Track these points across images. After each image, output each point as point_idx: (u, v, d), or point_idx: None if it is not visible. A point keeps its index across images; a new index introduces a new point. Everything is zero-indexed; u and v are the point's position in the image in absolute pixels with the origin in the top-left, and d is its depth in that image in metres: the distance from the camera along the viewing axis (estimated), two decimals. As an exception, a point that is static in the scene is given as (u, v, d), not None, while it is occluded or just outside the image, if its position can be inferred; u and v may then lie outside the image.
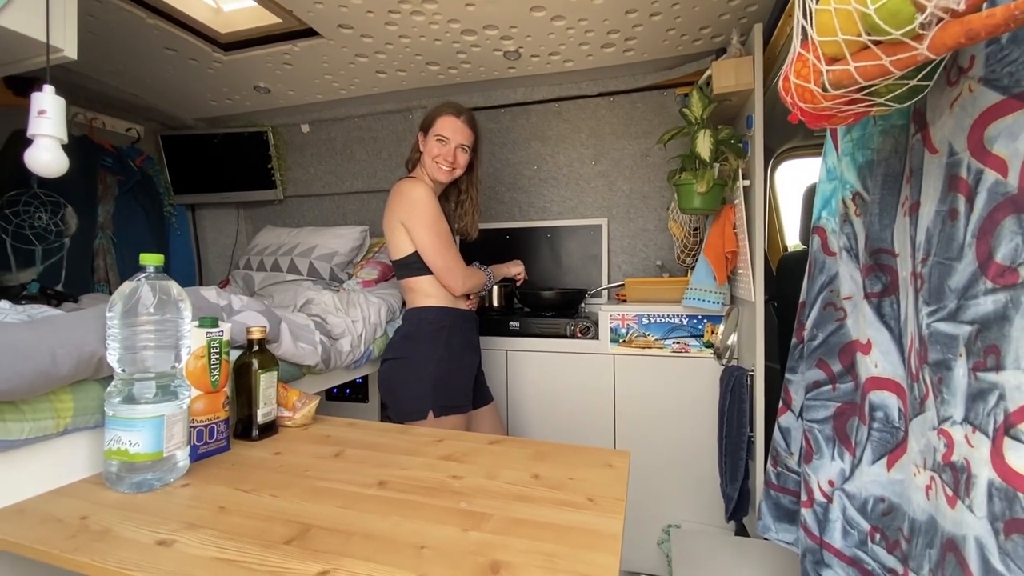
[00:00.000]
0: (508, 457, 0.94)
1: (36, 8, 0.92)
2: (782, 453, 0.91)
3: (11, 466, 0.74)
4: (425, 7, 1.55)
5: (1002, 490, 0.43)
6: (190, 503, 0.75)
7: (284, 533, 0.66)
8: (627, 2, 1.53)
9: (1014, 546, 0.42)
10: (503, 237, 2.29)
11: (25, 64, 1.01)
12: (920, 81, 0.47)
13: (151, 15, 1.59)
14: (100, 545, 0.64)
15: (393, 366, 1.43)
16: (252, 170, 2.52)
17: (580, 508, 0.75)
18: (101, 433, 0.83)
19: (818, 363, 0.79)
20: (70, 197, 2.03)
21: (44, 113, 0.88)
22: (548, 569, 0.59)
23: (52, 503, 0.75)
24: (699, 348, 1.75)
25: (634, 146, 2.13)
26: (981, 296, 0.47)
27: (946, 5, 0.38)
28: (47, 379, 0.71)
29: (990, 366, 0.45)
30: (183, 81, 2.08)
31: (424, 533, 0.67)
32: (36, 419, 0.74)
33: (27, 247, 1.93)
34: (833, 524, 0.73)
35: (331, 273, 2.07)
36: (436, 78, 2.07)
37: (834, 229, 0.78)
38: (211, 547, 0.63)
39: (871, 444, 0.67)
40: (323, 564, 0.59)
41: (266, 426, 1.02)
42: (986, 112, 0.47)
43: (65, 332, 0.74)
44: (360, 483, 0.82)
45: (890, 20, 0.40)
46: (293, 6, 1.55)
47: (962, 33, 0.38)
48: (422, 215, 1.40)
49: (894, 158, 0.66)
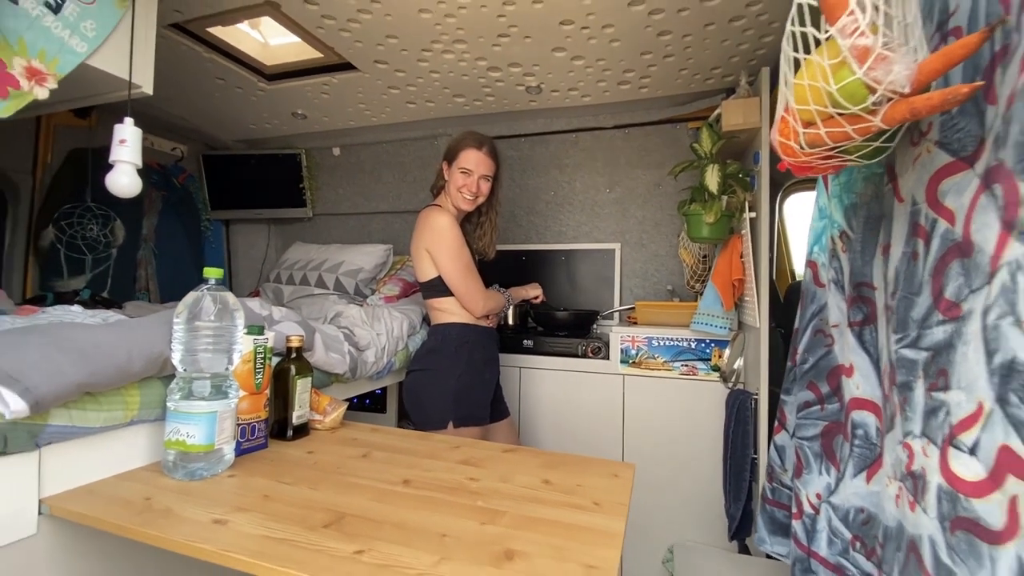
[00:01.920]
0: (521, 464, 1.01)
1: (122, 50, 1.06)
2: (777, 469, 0.97)
3: (86, 451, 0.84)
4: (455, 47, 1.68)
5: (948, 493, 0.50)
6: (237, 491, 0.84)
7: (322, 519, 0.75)
8: (642, 44, 1.64)
9: (957, 540, 0.48)
10: (520, 259, 2.39)
11: (107, 97, 1.14)
12: (883, 143, 0.55)
13: (207, 50, 1.75)
14: (165, 522, 0.73)
15: (418, 377, 1.53)
16: (284, 189, 2.67)
17: (587, 510, 0.82)
18: (160, 426, 0.93)
19: (808, 385, 0.86)
20: (119, 210, 2.19)
21: (124, 142, 1.01)
22: (556, 558, 0.67)
23: (118, 486, 0.84)
24: (706, 371, 1.81)
25: (647, 176, 2.23)
26: (934, 327, 0.54)
27: (894, 88, 0.46)
28: (123, 375, 0.82)
29: (940, 386, 0.52)
30: (228, 107, 2.25)
31: (445, 525, 0.75)
32: (109, 410, 0.84)
33: (79, 256, 2.08)
34: (820, 534, 0.79)
35: (356, 288, 2.18)
36: (462, 109, 2.20)
37: (824, 263, 0.86)
38: (260, 527, 0.72)
39: (852, 459, 0.74)
40: (359, 544, 0.68)
41: (300, 427, 1.11)
42: (940, 170, 0.55)
43: (139, 334, 0.85)
44: (386, 481, 0.90)
45: (849, 98, 0.49)
46: (335, 43, 1.69)
47: (907, 111, 0.47)
48: (446, 243, 1.50)
49: (874, 202, 0.74)
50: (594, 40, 1.62)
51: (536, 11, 1.47)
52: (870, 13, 0.47)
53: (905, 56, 0.46)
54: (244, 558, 0.64)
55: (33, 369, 0.71)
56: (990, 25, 0.46)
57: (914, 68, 0.46)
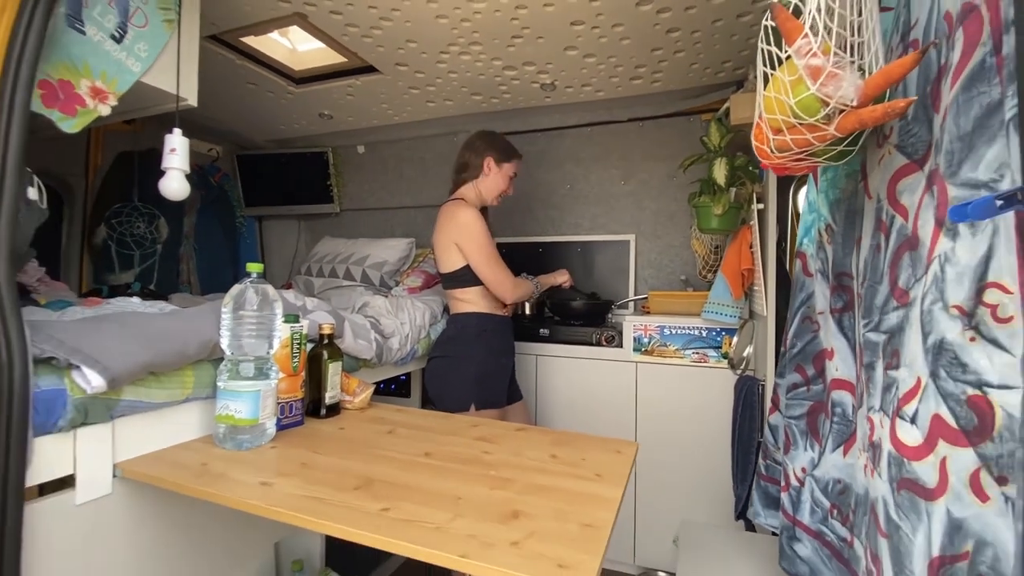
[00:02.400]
0: (531, 441, 1.10)
1: (169, 67, 1.18)
2: (770, 448, 1.03)
3: (150, 423, 0.96)
4: (472, 48, 1.76)
5: (895, 458, 0.56)
6: (279, 460, 0.95)
7: (353, 483, 0.85)
8: (652, 41, 1.69)
9: (902, 499, 0.55)
10: (537, 250, 2.47)
11: (157, 109, 1.26)
12: (846, 147, 0.61)
13: (240, 57, 1.87)
14: (220, 483, 0.84)
15: (440, 364, 1.63)
16: (313, 186, 2.80)
17: (588, 480, 0.90)
18: (211, 403, 1.05)
19: (796, 368, 0.92)
20: (163, 209, 2.35)
21: (175, 151, 1.13)
22: (557, 519, 0.76)
23: (178, 454, 0.97)
24: (717, 359, 1.86)
25: (661, 168, 2.27)
26: (890, 312, 0.60)
27: (843, 102, 0.53)
28: (181, 358, 0.94)
29: (893, 365, 0.59)
30: (259, 109, 2.38)
31: (460, 490, 0.84)
32: (169, 388, 0.96)
33: (128, 252, 2.25)
34: (804, 505, 0.86)
35: (381, 280, 2.29)
36: (479, 106, 2.28)
37: (812, 254, 0.91)
38: (301, 489, 0.83)
39: (832, 435, 0.80)
40: (385, 504, 0.78)
41: (332, 407, 1.22)
42: (897, 171, 0.61)
43: (194, 322, 0.97)
44: (409, 453, 1.00)
45: (805, 111, 0.55)
46: (358, 48, 1.79)
47: (856, 121, 0.53)
48: (475, 237, 1.60)
49: (854, 197, 0.79)
50: (605, 39, 1.68)
51: (547, 13, 1.53)
52: (822, 36, 0.53)
53: (852, 74, 0.52)
54: (288, 512, 0.75)
55: (109, 351, 0.83)
56: (922, 48, 0.51)
57: (860, 84, 0.52)
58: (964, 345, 0.47)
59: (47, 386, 0.80)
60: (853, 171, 0.80)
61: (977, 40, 0.45)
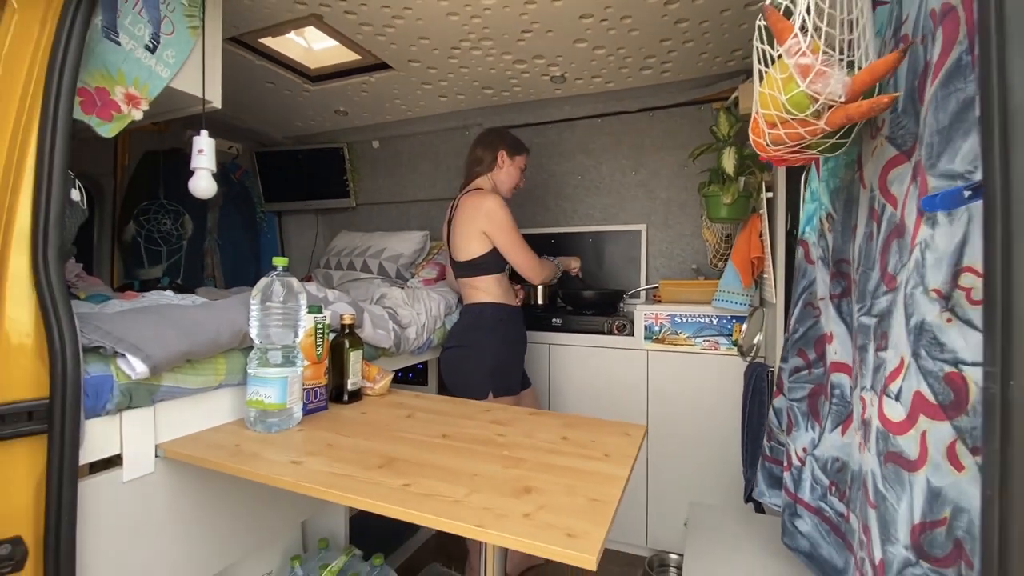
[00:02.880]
0: (543, 424, 1.15)
1: (195, 72, 1.23)
2: (775, 430, 1.07)
3: (187, 408, 1.03)
4: (482, 44, 1.79)
5: (882, 433, 0.60)
6: (306, 441, 1.02)
7: (376, 462, 0.91)
8: (661, 32, 1.70)
9: (888, 471, 0.59)
10: (549, 241, 2.50)
11: (184, 112, 1.33)
12: (838, 140, 0.64)
13: (258, 57, 1.93)
14: (254, 461, 0.91)
15: (457, 353, 1.70)
16: (330, 181, 2.87)
17: (597, 460, 0.95)
18: (241, 390, 1.12)
19: (798, 352, 0.95)
20: (187, 206, 2.44)
21: (202, 152, 1.19)
22: (566, 493, 0.81)
23: (212, 436, 1.04)
24: (728, 346, 1.89)
25: (672, 157, 2.28)
26: (880, 296, 0.63)
27: (832, 99, 0.56)
28: (215, 346, 1.00)
29: (882, 347, 0.62)
30: (277, 107, 2.44)
31: (475, 468, 0.90)
32: (204, 375, 1.03)
33: (155, 248, 2.35)
34: (804, 483, 0.90)
35: (397, 272, 2.36)
36: (491, 100, 2.31)
37: (814, 242, 0.94)
38: (328, 467, 0.89)
39: (831, 416, 0.83)
40: (406, 480, 0.84)
41: (354, 393, 1.29)
42: (888, 162, 0.63)
43: (225, 313, 1.03)
44: (428, 435, 1.06)
45: (795, 107, 0.58)
46: (372, 46, 1.83)
47: (844, 116, 0.56)
48: (504, 222, 1.67)
49: (853, 186, 0.82)
50: (613, 31, 1.70)
51: (556, 7, 1.56)
52: (811, 35, 0.55)
53: (840, 72, 0.55)
54: (317, 487, 0.81)
55: (150, 341, 0.89)
56: (903, 48, 0.54)
57: (848, 81, 0.55)
58: (942, 326, 0.50)
59: (95, 372, 0.87)
60: (851, 161, 0.82)
61: (955, 39, 0.48)
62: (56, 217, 0.87)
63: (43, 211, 0.85)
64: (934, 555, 0.53)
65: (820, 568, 0.84)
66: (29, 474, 0.83)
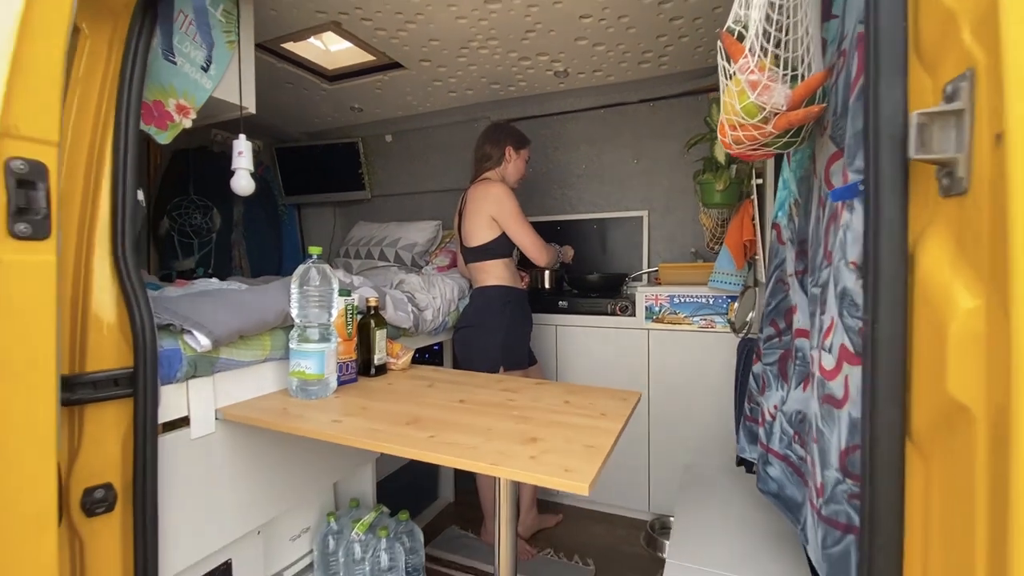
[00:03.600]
0: (549, 391, 1.30)
1: (232, 81, 1.38)
2: (754, 392, 1.20)
3: (240, 378, 1.20)
4: (489, 43, 1.91)
5: (820, 380, 0.73)
6: (343, 405, 1.18)
7: (405, 420, 1.07)
8: (657, 29, 1.81)
9: (824, 410, 0.72)
10: (556, 228, 2.63)
11: (222, 117, 1.48)
12: (789, 139, 0.76)
13: (280, 60, 2.07)
14: (300, 421, 1.07)
15: (469, 332, 1.85)
16: (345, 174, 3.01)
17: (594, 418, 1.10)
18: (284, 363, 1.28)
19: (771, 323, 1.08)
20: (215, 201, 2.60)
21: (242, 154, 1.34)
22: (566, 442, 0.95)
23: (261, 402, 1.20)
24: (723, 324, 2.02)
25: (672, 146, 2.39)
26: (823, 270, 0.76)
27: (776, 108, 0.68)
28: (262, 325, 1.16)
29: (823, 311, 0.75)
30: (295, 105, 2.58)
31: (489, 424, 1.05)
32: (253, 349, 1.19)
33: (187, 241, 2.52)
34: (775, 435, 1.03)
35: (412, 260, 2.51)
36: (497, 94, 2.43)
37: (785, 225, 1.06)
38: (364, 424, 1.04)
39: (795, 375, 0.96)
40: (431, 433, 0.99)
41: (380, 367, 1.44)
42: (831, 157, 0.75)
43: (269, 296, 1.19)
44: (447, 400, 1.21)
45: (748, 114, 0.70)
46: (386, 48, 1.96)
47: (786, 122, 0.68)
48: (511, 207, 1.81)
49: (810, 176, 0.94)
50: (612, 29, 1.81)
51: (557, 9, 1.67)
52: (759, 56, 0.67)
53: (783, 86, 0.67)
54: (358, 439, 0.97)
55: (211, 319, 1.05)
56: (826, 70, 0.66)
57: (789, 94, 0.67)
58: (857, 291, 0.63)
59: (167, 346, 1.03)
60: (810, 154, 0.94)
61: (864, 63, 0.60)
62: (130, 215, 1.02)
63: (120, 211, 1.01)
64: (855, 473, 0.67)
65: (785, 504, 0.98)
66: (116, 431, 0.99)
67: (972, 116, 0.42)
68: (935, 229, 0.46)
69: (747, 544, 1.15)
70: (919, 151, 0.44)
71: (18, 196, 0.74)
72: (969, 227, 0.42)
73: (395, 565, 1.45)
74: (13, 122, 0.74)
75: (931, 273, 0.45)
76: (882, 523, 0.49)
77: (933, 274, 0.45)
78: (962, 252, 0.43)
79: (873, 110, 0.50)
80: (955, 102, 0.43)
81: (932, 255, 0.46)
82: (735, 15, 0.73)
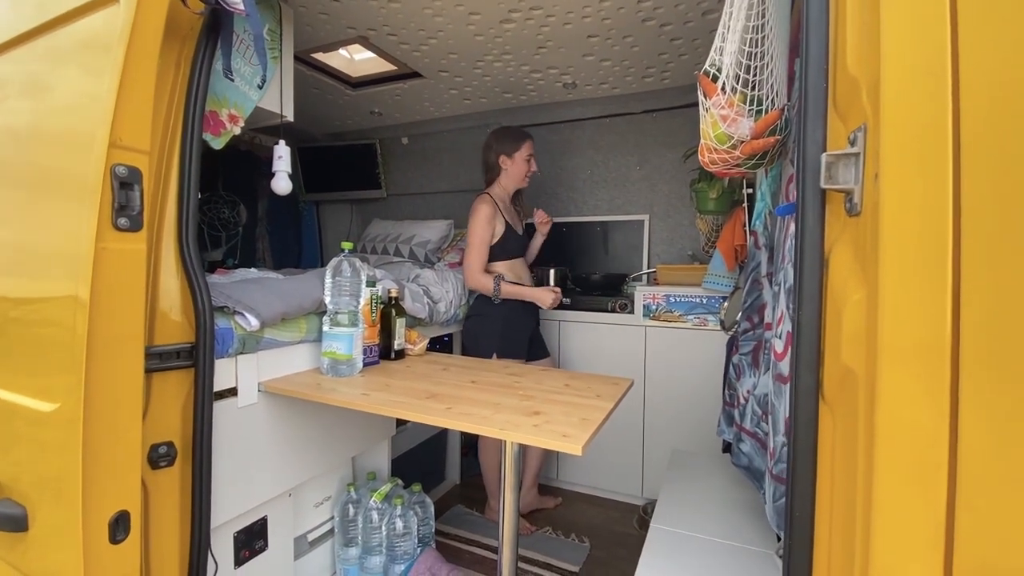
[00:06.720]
0: (551, 376, 1.45)
1: (274, 92, 1.54)
2: (732, 380, 1.35)
3: (279, 357, 1.36)
4: (503, 57, 2.06)
5: (773, 362, 0.88)
6: (368, 382, 1.34)
7: (424, 395, 1.22)
8: (658, 47, 1.96)
9: (776, 388, 0.87)
10: (561, 230, 2.78)
11: (263, 124, 1.64)
12: (756, 161, 0.91)
13: (308, 68, 2.23)
14: (333, 394, 1.23)
15: (473, 321, 2.02)
16: (363, 174, 3.18)
17: (590, 398, 1.25)
18: (316, 345, 1.44)
19: (747, 318, 1.23)
20: (242, 196, 2.78)
21: (281, 158, 1.50)
22: (564, 415, 1.10)
23: (298, 378, 1.36)
24: (715, 322, 2.16)
25: (673, 154, 2.54)
26: (780, 272, 0.91)
27: (741, 138, 0.83)
28: (300, 309, 1.32)
29: (776, 305, 0.90)
30: (320, 109, 2.75)
31: (497, 400, 1.20)
32: (291, 331, 1.35)
33: (216, 234, 2.69)
34: (747, 415, 1.18)
35: (425, 257, 2.67)
36: (509, 103, 2.59)
37: (761, 231, 1.21)
38: (388, 397, 1.20)
39: (764, 363, 1.11)
40: (447, 405, 1.15)
41: (399, 352, 1.60)
42: (790, 176, 0.90)
43: (306, 284, 1.35)
44: (460, 381, 1.37)
45: (719, 141, 0.85)
46: (407, 60, 2.12)
47: (750, 149, 0.83)
48: (473, 228, 1.97)
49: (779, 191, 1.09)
50: (617, 47, 1.96)
51: (567, 29, 1.83)
52: (729, 94, 0.82)
53: (748, 119, 0.82)
54: (385, 408, 1.13)
55: (259, 303, 1.21)
56: (779, 109, 0.81)
57: (753, 126, 0.82)
58: (799, 288, 0.78)
59: (221, 326, 1.20)
60: (780, 172, 1.09)
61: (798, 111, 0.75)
62: (193, 211, 1.18)
63: (185, 207, 1.17)
64: (797, 437, 0.82)
65: (753, 475, 1.13)
66: (177, 397, 1.16)
67: (864, 158, 0.57)
68: (843, 240, 0.61)
69: (723, 513, 1.30)
70: (827, 182, 0.59)
71: (120, 195, 0.90)
72: (861, 239, 0.57)
73: (409, 532, 1.61)
74: (118, 134, 0.90)
75: (837, 272, 0.61)
76: (800, 469, 0.64)
77: (839, 273, 0.60)
78: (856, 257, 0.58)
79: (801, 148, 0.65)
80: (854, 147, 0.58)
81: (839, 259, 0.61)
82: (711, 60, 0.88)
